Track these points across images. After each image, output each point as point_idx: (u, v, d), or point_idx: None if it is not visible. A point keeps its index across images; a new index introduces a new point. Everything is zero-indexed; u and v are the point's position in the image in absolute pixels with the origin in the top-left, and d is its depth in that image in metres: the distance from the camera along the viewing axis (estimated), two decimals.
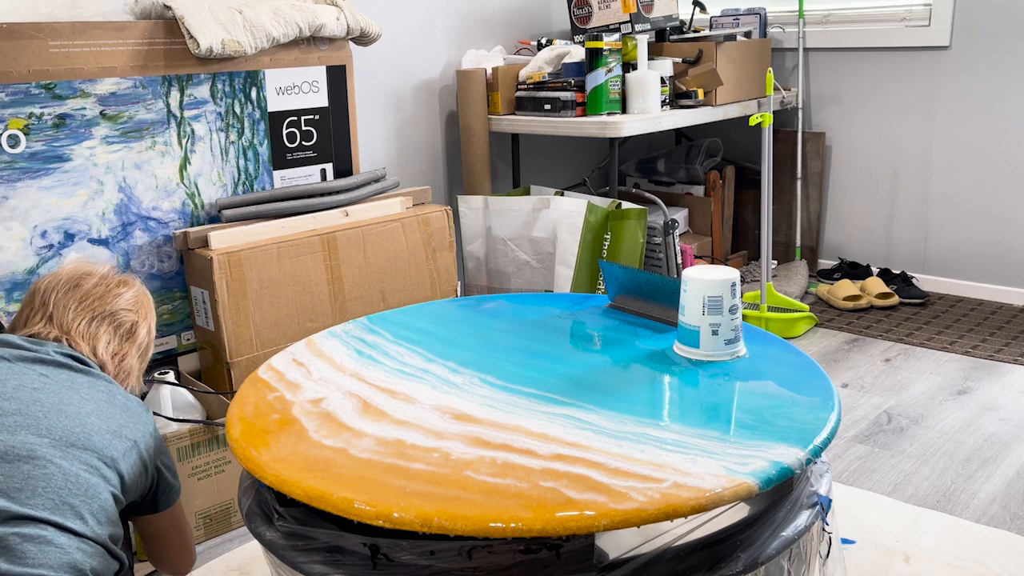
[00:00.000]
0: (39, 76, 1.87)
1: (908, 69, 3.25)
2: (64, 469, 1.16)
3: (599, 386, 1.28)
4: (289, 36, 2.21)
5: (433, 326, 1.57)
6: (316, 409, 1.24)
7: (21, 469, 1.13)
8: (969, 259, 3.25)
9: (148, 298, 1.52)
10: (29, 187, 1.88)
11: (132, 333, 1.45)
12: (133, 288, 1.49)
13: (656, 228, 2.82)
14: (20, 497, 1.10)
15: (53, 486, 1.14)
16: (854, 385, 2.54)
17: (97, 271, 1.47)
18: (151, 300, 1.54)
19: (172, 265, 2.13)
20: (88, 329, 1.39)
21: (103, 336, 1.41)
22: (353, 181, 2.35)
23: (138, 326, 1.46)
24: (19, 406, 1.19)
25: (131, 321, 1.45)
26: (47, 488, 1.13)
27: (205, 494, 1.84)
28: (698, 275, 1.36)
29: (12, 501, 1.10)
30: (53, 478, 1.14)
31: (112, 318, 1.42)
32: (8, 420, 1.17)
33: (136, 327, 1.46)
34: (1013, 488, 1.95)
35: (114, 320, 1.43)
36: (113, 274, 1.49)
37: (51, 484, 1.13)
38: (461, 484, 1.02)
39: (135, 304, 1.47)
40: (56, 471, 1.15)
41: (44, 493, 1.12)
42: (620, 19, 3.02)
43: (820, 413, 1.18)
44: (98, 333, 1.40)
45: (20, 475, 1.12)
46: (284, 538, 1.11)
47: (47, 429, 1.18)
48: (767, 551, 1.06)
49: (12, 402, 1.19)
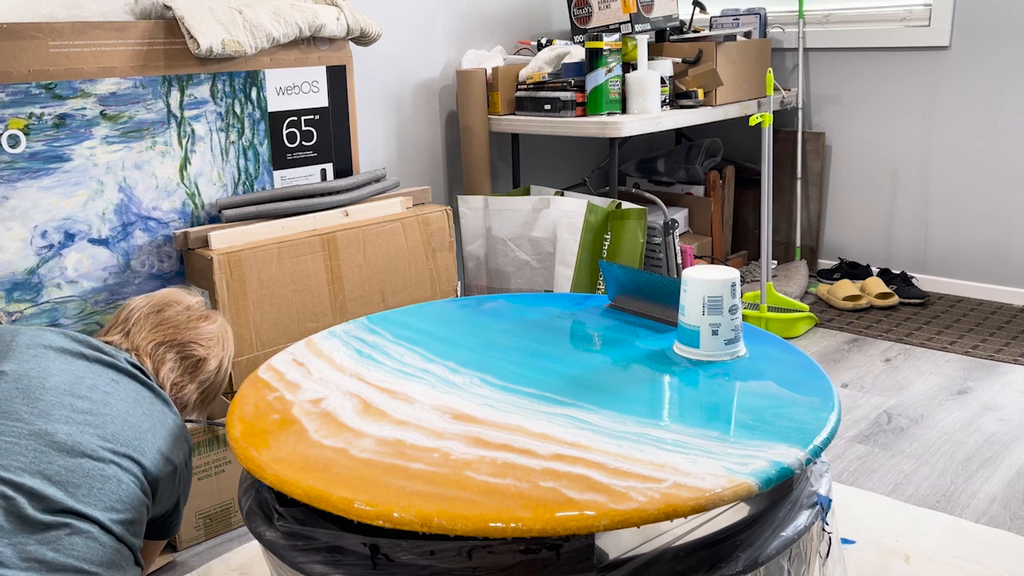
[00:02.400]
0: (39, 76, 1.87)
1: (908, 69, 3.25)
2: (119, 477, 1.20)
3: (599, 386, 1.28)
4: (289, 36, 2.21)
5: (433, 326, 1.57)
6: (316, 409, 1.24)
7: (83, 466, 1.17)
8: (969, 259, 3.25)
9: (228, 336, 1.56)
10: (29, 187, 1.88)
11: (197, 367, 1.49)
12: (214, 324, 1.53)
13: (656, 228, 2.82)
14: (77, 493, 1.15)
15: (108, 489, 1.18)
16: (854, 385, 2.54)
17: (185, 301, 1.52)
18: (231, 338, 1.56)
19: (172, 265, 2.13)
20: (156, 352, 1.44)
21: (168, 362, 1.45)
22: (353, 181, 2.35)
23: (206, 362, 1.50)
24: (91, 406, 1.24)
25: (200, 356, 1.49)
26: (102, 490, 1.17)
27: (205, 494, 1.84)
28: (698, 275, 1.36)
29: (69, 495, 1.14)
30: (109, 481, 1.19)
31: (182, 348, 1.47)
32: (79, 417, 1.21)
33: (204, 363, 1.49)
34: (1013, 488, 1.95)
35: (183, 350, 1.47)
36: (199, 307, 1.53)
37: (106, 487, 1.18)
38: (461, 484, 1.02)
39: (210, 339, 1.51)
40: (112, 475, 1.19)
41: (98, 494, 1.17)
42: (620, 19, 3.02)
43: (820, 413, 1.18)
44: (165, 358, 1.45)
45: (80, 471, 1.16)
46: (284, 538, 1.11)
47: (112, 435, 1.23)
48: (767, 551, 1.06)
49: (85, 401, 1.24)
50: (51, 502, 1.12)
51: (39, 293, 1.92)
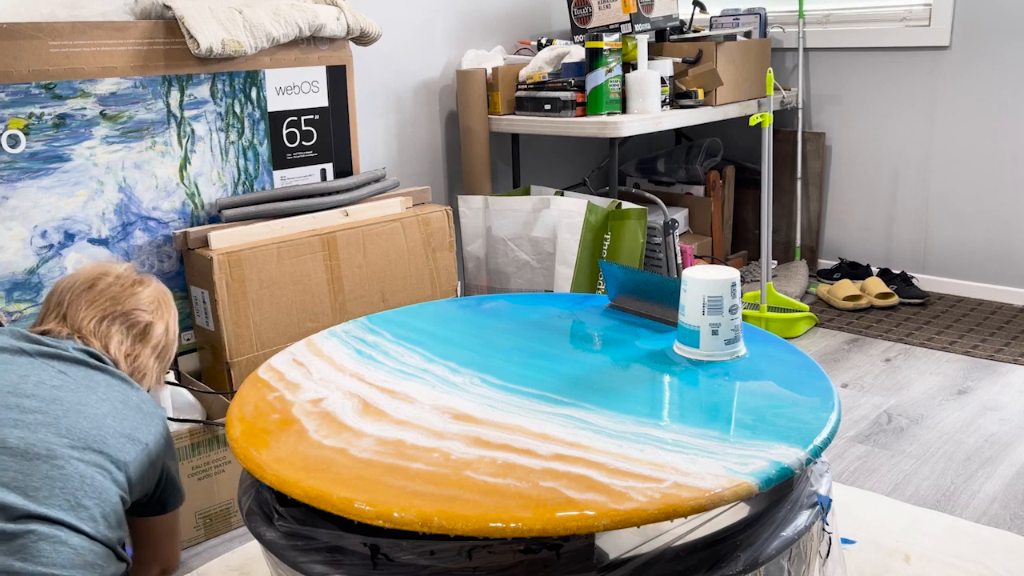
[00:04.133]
0: (39, 76, 1.87)
1: (908, 69, 3.25)
2: (81, 471, 1.15)
3: (599, 386, 1.28)
4: (289, 36, 2.21)
5: (433, 326, 1.57)
6: (316, 409, 1.24)
7: (40, 468, 1.12)
8: (969, 259, 3.25)
9: (167, 297, 1.50)
10: (29, 187, 1.88)
11: (146, 333, 1.43)
12: (150, 287, 1.47)
13: (656, 228, 2.82)
14: (38, 496, 1.10)
15: (70, 487, 1.13)
16: (854, 385, 2.54)
17: (114, 271, 1.45)
18: (170, 298, 1.51)
19: (172, 265, 2.13)
20: (100, 328, 1.38)
21: (115, 335, 1.39)
22: (353, 181, 2.35)
23: (153, 326, 1.44)
24: (39, 404, 1.19)
25: (145, 321, 1.43)
26: (64, 489, 1.13)
27: (205, 494, 1.84)
28: (698, 275, 1.36)
29: (30, 500, 1.10)
30: (71, 479, 1.14)
31: (125, 317, 1.41)
32: (29, 418, 1.16)
33: (151, 327, 1.44)
34: (1013, 488, 1.95)
35: (127, 319, 1.41)
36: (130, 273, 1.47)
37: (68, 485, 1.13)
38: (461, 484, 1.02)
39: (151, 303, 1.45)
40: (73, 472, 1.15)
41: (61, 493, 1.12)
42: (620, 19, 3.02)
43: (820, 413, 1.18)
44: (110, 332, 1.39)
45: (39, 474, 1.12)
46: (284, 538, 1.11)
47: (67, 429, 1.18)
48: (767, 551, 1.06)
49: (32, 399, 1.19)
50: (12, 510, 1.08)
51: (39, 293, 1.92)
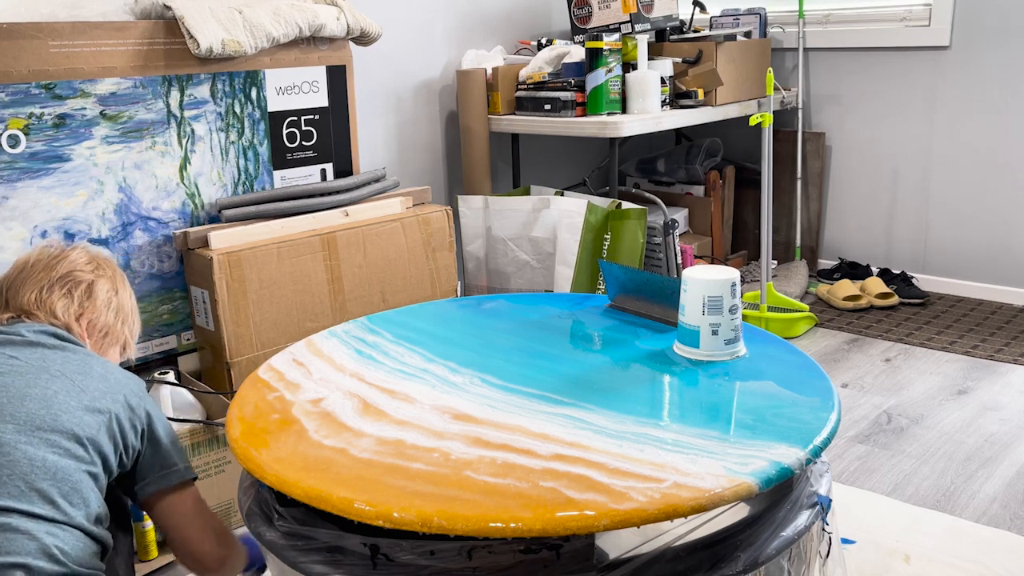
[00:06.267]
0: (39, 76, 1.86)
1: (908, 69, 3.25)
2: (30, 454, 1.13)
3: (599, 386, 1.28)
4: (289, 36, 2.21)
5: (433, 326, 1.57)
6: (316, 409, 1.24)
7: None
8: (969, 259, 3.25)
9: (105, 258, 1.46)
10: (29, 187, 1.88)
11: (90, 291, 1.39)
12: (83, 251, 1.42)
13: (656, 228, 2.82)
14: None
15: (19, 473, 1.11)
16: (854, 385, 2.54)
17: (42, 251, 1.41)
18: (111, 260, 1.47)
19: (172, 265, 2.13)
20: (40, 297, 1.34)
21: (58, 301, 1.35)
22: (353, 181, 2.35)
23: (95, 284, 1.40)
24: None
25: (86, 280, 1.39)
26: (12, 476, 1.11)
27: (205, 494, 1.84)
28: (698, 275, 1.36)
29: None
30: (19, 464, 1.12)
31: (62, 281, 1.36)
32: None
33: (94, 285, 1.39)
34: (1013, 488, 1.95)
35: (64, 282, 1.36)
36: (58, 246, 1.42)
37: (16, 471, 1.11)
38: (461, 484, 1.02)
39: (87, 264, 1.41)
40: (22, 457, 1.12)
41: (10, 481, 1.10)
42: (620, 19, 3.02)
43: (820, 413, 1.18)
44: (52, 299, 1.34)
45: None
46: (284, 538, 1.11)
47: (11, 415, 1.15)
48: (767, 551, 1.06)
49: None
50: None
51: None
